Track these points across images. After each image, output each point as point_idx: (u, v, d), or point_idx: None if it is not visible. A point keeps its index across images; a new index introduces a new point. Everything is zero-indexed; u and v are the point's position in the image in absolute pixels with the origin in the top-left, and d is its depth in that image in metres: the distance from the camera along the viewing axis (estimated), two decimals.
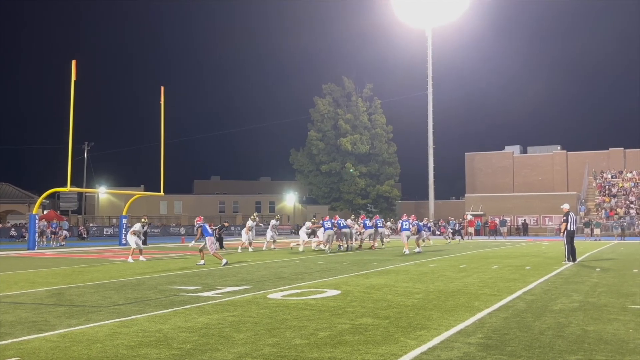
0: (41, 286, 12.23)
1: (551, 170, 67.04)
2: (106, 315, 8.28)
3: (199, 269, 16.20)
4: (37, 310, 8.86)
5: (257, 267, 16.99)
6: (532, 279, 12.81)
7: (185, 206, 76.72)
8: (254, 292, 10.84)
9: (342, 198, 65.65)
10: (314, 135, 65.45)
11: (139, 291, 11.11)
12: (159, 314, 8.33)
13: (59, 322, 7.75)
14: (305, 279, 13.17)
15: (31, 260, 21.77)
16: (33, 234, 31.60)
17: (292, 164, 68.03)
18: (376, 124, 66.34)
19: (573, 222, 17.68)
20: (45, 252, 27.55)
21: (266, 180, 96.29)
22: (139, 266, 17.68)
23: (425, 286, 11.57)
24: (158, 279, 13.57)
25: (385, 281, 12.56)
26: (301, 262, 18.88)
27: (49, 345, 6.30)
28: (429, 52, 60.27)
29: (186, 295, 10.47)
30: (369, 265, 17.23)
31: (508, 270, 15.26)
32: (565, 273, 14.39)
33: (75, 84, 29.77)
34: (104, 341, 6.47)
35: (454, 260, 19.40)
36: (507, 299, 9.63)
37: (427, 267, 16.42)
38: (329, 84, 67.61)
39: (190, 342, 6.41)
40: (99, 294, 10.80)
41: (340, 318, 7.85)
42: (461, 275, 13.90)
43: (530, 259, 19.83)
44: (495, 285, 11.75)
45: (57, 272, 16.03)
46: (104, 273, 15.34)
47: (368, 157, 66.19)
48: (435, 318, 7.84)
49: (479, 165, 70.10)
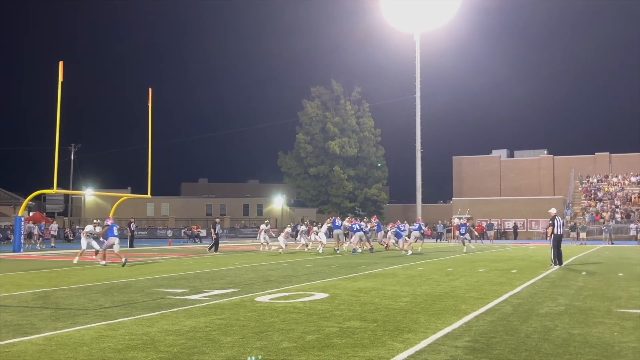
0: (27, 289, 12.13)
1: (538, 174, 67.47)
2: (93, 318, 8.23)
3: (186, 272, 16.14)
4: (22, 313, 8.78)
5: (244, 270, 16.96)
6: (518, 283, 12.89)
7: (172, 209, 76.42)
8: (242, 295, 10.82)
9: (330, 201, 65.66)
10: (303, 138, 65.44)
11: (126, 294, 11.05)
12: (146, 317, 8.29)
13: (44, 325, 7.69)
14: (293, 282, 13.16)
15: (16, 262, 21.59)
16: (18, 236, 31.34)
17: (281, 167, 67.97)
18: (364, 127, 66.44)
19: (560, 226, 17.81)
20: (31, 255, 27.33)
21: (254, 183, 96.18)
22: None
23: (413, 289, 11.60)
24: (145, 281, 13.50)
25: (373, 284, 12.58)
26: (289, 265, 18.86)
27: (35, 348, 6.26)
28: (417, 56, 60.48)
29: (173, 298, 10.43)
30: (357, 268, 17.25)
31: (495, 273, 15.33)
32: (552, 277, 14.48)
33: (63, 85, 29.57)
34: (91, 344, 6.43)
35: (441, 263, 19.47)
36: (493, 303, 9.69)
37: (415, 270, 16.47)
38: (318, 87, 67.65)
39: (177, 345, 6.39)
40: (85, 296, 10.73)
41: (328, 321, 7.85)
42: (448, 278, 13.95)
43: (517, 262, 19.94)
44: (482, 288, 11.81)
45: (43, 274, 15.91)
46: (90, 276, 15.24)
47: (356, 160, 66.27)
48: (422, 321, 7.87)
49: (466, 169, 70.42)
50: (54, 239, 38.52)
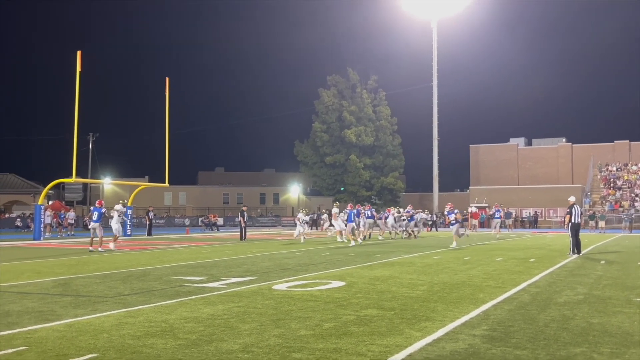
0: (47, 276, 12.29)
1: (556, 162, 66.91)
2: (112, 305, 8.32)
3: (204, 260, 16.25)
4: (43, 300, 8.90)
5: (261, 258, 17.04)
6: (536, 272, 12.82)
7: (189, 197, 76.89)
8: (259, 283, 10.87)
9: (347, 190, 65.66)
10: (319, 127, 65.41)
11: (145, 282, 11.15)
12: (165, 304, 8.37)
13: (65, 312, 7.79)
14: (309, 270, 13.20)
15: (37, 250, 21.87)
16: (38, 224, 31.69)
17: (297, 156, 68.05)
18: (381, 115, 66.24)
19: (577, 214, 17.66)
20: (51, 243, 27.66)
21: (270, 172, 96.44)
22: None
23: (430, 278, 11.58)
24: (163, 269, 13.62)
25: (390, 273, 12.58)
26: (306, 253, 18.92)
27: (56, 335, 6.34)
28: (434, 44, 60.09)
29: (191, 286, 10.51)
30: (374, 257, 17.25)
31: (512, 262, 15.26)
32: (570, 265, 14.38)
33: (81, 74, 29.77)
34: (110, 331, 6.50)
35: (458, 252, 19.41)
36: (511, 292, 9.64)
37: (432, 259, 16.44)
38: (334, 75, 67.50)
39: (196, 332, 6.44)
40: (104, 284, 10.85)
41: (345, 309, 7.87)
42: (465, 267, 13.91)
43: (535, 251, 19.83)
44: (499, 277, 11.76)
45: (63, 262, 16.10)
46: (109, 263, 15.40)
47: (372, 149, 66.13)
48: (440, 310, 7.86)
49: (483, 157, 70.01)
50: (72, 226, 38.93)
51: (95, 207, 21.68)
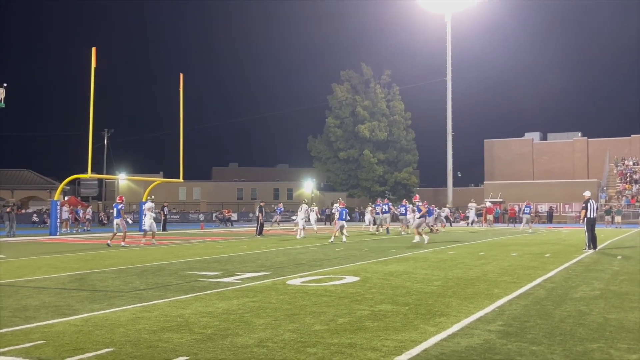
0: (64, 271, 12.40)
1: (571, 157, 66.38)
2: (128, 300, 8.39)
3: (218, 255, 16.32)
4: (60, 294, 8.99)
5: (275, 253, 17.08)
6: (552, 267, 12.74)
7: (203, 193, 77.21)
8: (273, 278, 10.90)
9: (360, 185, 65.59)
10: (332, 122, 65.31)
11: (160, 277, 11.22)
12: (180, 299, 8.42)
13: (82, 306, 7.86)
14: (323, 266, 13.21)
15: (53, 245, 22.08)
16: (55, 219, 31.96)
17: (310, 151, 68.01)
18: (394, 110, 66.00)
19: (593, 209, 17.53)
20: (67, 238, 27.90)
21: (284, 167, 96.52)
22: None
23: (444, 273, 11.55)
24: (178, 264, 13.69)
25: (404, 268, 12.57)
26: (320, 248, 18.93)
27: (73, 329, 6.40)
28: (448, 38, 59.76)
29: (206, 281, 10.56)
30: (388, 252, 17.23)
31: (527, 257, 15.18)
32: (586, 261, 14.28)
33: (96, 71, 29.94)
34: (127, 325, 6.55)
35: (473, 247, 19.34)
36: (526, 287, 9.60)
37: (446, 254, 16.39)
38: (347, 70, 67.33)
39: (211, 327, 6.47)
40: (120, 279, 10.93)
41: (359, 304, 7.87)
42: (480, 262, 13.86)
43: (550, 246, 19.71)
44: (514, 272, 11.71)
45: (79, 257, 16.24)
46: (124, 259, 15.51)
47: (386, 144, 65.96)
48: (454, 305, 7.84)
49: (498, 152, 69.60)
50: (89, 222, 39.26)
51: (117, 202, 22.09)
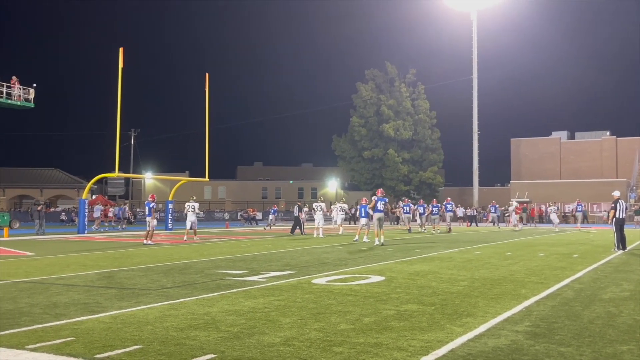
0: (92, 269, 12.57)
1: (599, 156, 65.40)
2: (155, 298, 8.47)
3: (244, 254, 16.40)
4: (89, 292, 9.11)
5: (300, 252, 17.12)
6: (580, 267, 12.57)
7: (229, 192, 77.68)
8: (299, 277, 10.93)
9: (385, 184, 65.38)
10: (357, 121, 65.22)
11: (186, 275, 11.32)
12: (207, 297, 8.48)
13: (110, 304, 7.96)
14: (349, 265, 13.21)
15: (81, 243, 22.39)
16: (83, 218, 32.42)
17: (334, 150, 68.02)
18: (419, 109, 65.70)
19: (622, 209, 17.26)
20: (94, 236, 28.28)
21: (308, 167, 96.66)
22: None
23: (471, 273, 11.47)
24: (204, 263, 13.80)
25: (429, 268, 12.51)
26: (344, 248, 18.93)
27: (102, 326, 6.49)
28: (474, 36, 59.29)
29: (232, 279, 10.63)
30: (413, 252, 17.17)
31: (555, 258, 15.00)
32: (615, 261, 14.07)
33: (123, 71, 30.30)
34: (154, 323, 6.62)
35: (499, 247, 19.17)
36: (554, 287, 9.48)
37: (472, 254, 16.28)
38: (372, 69, 67.19)
39: (237, 325, 6.51)
40: (147, 277, 11.05)
41: (385, 304, 7.86)
42: (507, 262, 13.74)
43: (578, 247, 19.45)
44: (542, 273, 11.58)
45: (107, 255, 16.46)
46: (151, 257, 15.67)
47: (411, 143, 65.68)
48: (481, 305, 7.78)
49: (524, 151, 68.86)
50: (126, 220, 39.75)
51: (148, 201, 22.84)
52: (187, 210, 25.32)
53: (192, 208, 25.19)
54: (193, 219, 25.02)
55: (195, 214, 25.24)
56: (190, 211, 25.13)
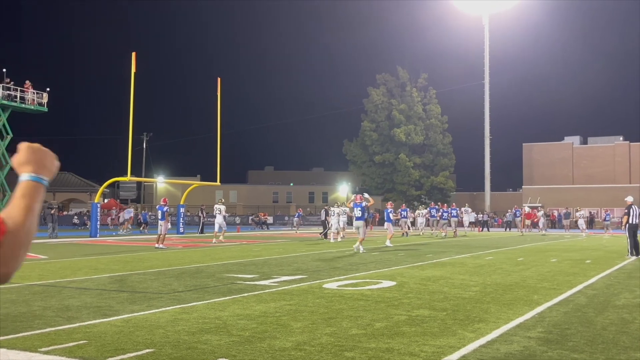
0: (104, 272, 12.63)
1: (612, 161, 64.92)
2: (167, 301, 8.50)
3: (255, 258, 16.42)
4: (101, 295, 9.16)
5: (311, 257, 17.11)
6: (593, 273, 12.49)
7: (240, 196, 77.75)
8: (310, 281, 10.92)
9: (396, 189, 65.24)
10: (368, 125, 65.16)
11: (198, 279, 11.35)
12: (218, 301, 8.50)
13: (122, 307, 8.00)
14: (360, 270, 13.19)
15: (93, 247, 22.50)
16: (95, 221, 32.58)
17: (345, 155, 67.96)
18: (431, 114, 65.53)
19: (636, 215, 17.12)
20: (107, 240, 28.41)
21: (319, 171, 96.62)
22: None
23: (482, 279, 11.42)
24: (215, 267, 13.83)
25: (441, 273, 12.46)
26: (355, 252, 18.90)
27: (114, 329, 6.52)
28: (486, 40, 59.16)
29: (243, 283, 10.64)
30: (425, 257, 17.12)
31: (567, 264, 14.91)
32: (628, 267, 13.96)
33: (135, 75, 30.46)
34: (166, 327, 6.64)
35: (511, 253, 19.08)
36: (567, 293, 9.42)
37: (484, 259, 16.21)
38: (383, 74, 67.12)
39: (248, 329, 6.52)
40: (159, 280, 11.08)
41: (396, 309, 7.84)
42: (519, 268, 13.66)
43: (591, 252, 19.32)
44: (554, 279, 11.51)
45: (118, 259, 16.53)
46: (163, 261, 15.72)
47: (422, 147, 65.52)
48: (493, 311, 7.74)
49: (537, 156, 68.50)
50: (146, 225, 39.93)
51: (160, 205, 22.91)
52: (215, 212, 26.01)
53: (218, 210, 25.60)
54: (220, 221, 25.42)
55: (222, 216, 25.62)
56: (217, 213, 25.58)
